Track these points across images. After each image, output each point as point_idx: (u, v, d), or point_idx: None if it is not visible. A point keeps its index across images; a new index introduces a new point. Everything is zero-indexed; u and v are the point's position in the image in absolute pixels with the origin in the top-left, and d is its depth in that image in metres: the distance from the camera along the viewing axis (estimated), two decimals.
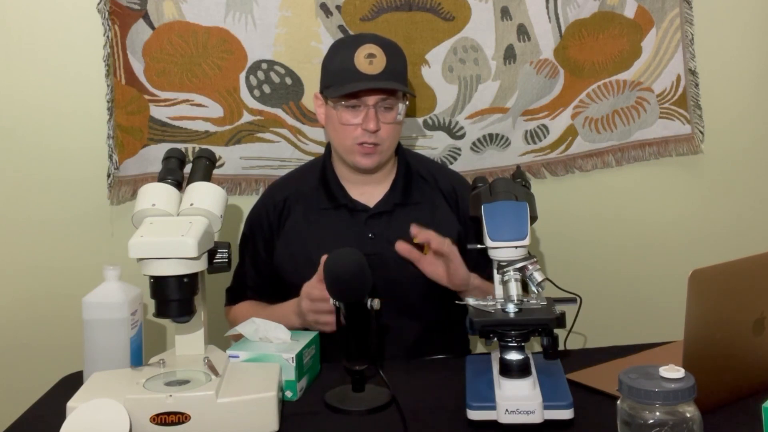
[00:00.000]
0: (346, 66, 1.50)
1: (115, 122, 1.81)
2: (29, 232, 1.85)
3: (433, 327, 1.58)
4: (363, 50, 1.49)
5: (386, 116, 1.52)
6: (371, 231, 1.56)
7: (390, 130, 1.53)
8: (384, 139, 1.53)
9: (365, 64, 1.49)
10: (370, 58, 1.49)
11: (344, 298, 1.22)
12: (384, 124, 1.52)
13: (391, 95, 1.52)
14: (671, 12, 1.96)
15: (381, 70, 1.49)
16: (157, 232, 1.18)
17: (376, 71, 1.49)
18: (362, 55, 1.49)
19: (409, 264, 1.48)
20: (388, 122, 1.52)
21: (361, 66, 1.49)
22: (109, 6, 1.77)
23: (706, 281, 1.06)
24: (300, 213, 1.60)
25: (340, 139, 1.56)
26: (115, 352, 1.30)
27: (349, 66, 1.49)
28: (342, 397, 1.23)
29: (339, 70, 1.52)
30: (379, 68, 1.49)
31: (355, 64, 1.49)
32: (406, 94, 1.55)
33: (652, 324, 1.93)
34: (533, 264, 1.17)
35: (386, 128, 1.52)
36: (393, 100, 1.52)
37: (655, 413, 0.88)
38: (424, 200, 1.61)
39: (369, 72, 1.49)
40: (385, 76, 1.49)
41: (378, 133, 1.51)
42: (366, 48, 1.50)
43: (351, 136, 1.53)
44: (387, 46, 1.53)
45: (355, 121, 1.52)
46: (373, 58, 1.49)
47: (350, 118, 1.52)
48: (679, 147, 2.01)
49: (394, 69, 1.51)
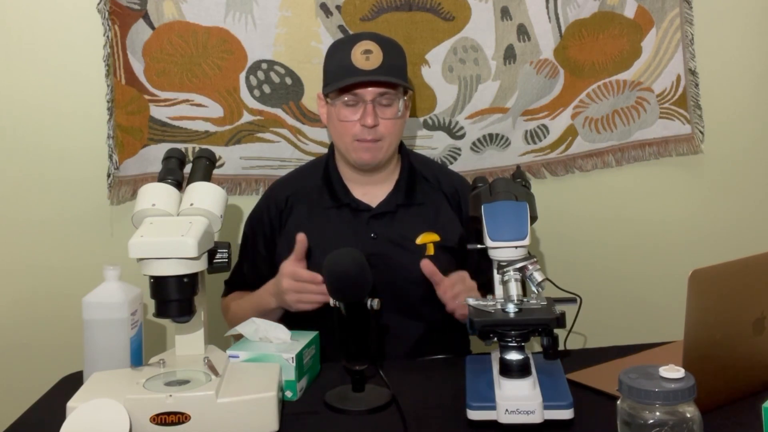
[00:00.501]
0: (344, 63, 1.50)
1: (115, 122, 1.81)
2: (29, 232, 1.85)
3: (434, 327, 1.58)
4: (360, 47, 1.50)
5: (385, 112, 1.52)
6: (373, 231, 1.56)
7: (389, 125, 1.53)
8: (384, 135, 1.53)
9: (362, 60, 1.49)
10: (366, 54, 1.49)
11: (344, 298, 1.22)
12: (383, 119, 1.52)
13: (390, 90, 1.52)
14: (671, 12, 1.96)
15: (378, 65, 1.49)
16: (157, 232, 1.18)
17: (373, 66, 1.49)
18: (359, 51, 1.50)
19: (409, 265, 1.48)
20: (387, 117, 1.52)
21: (358, 62, 1.49)
22: (109, 6, 1.77)
23: (706, 281, 1.06)
24: (302, 212, 1.60)
25: (340, 137, 1.56)
26: (115, 352, 1.30)
27: (346, 63, 1.50)
28: (342, 397, 1.23)
29: (337, 67, 1.53)
30: (375, 64, 1.49)
31: (352, 60, 1.50)
32: (407, 90, 1.55)
33: (652, 324, 1.93)
34: (533, 264, 1.17)
35: (385, 124, 1.52)
36: (391, 95, 1.52)
37: (655, 413, 0.88)
38: (427, 201, 1.61)
39: (365, 67, 1.49)
40: (381, 71, 1.49)
41: (377, 128, 1.51)
42: (363, 44, 1.50)
43: (350, 132, 1.53)
44: (384, 42, 1.53)
45: (353, 117, 1.52)
46: (369, 54, 1.49)
47: (348, 115, 1.52)
48: (679, 147, 2.01)
49: (391, 64, 1.51)
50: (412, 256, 1.52)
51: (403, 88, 1.55)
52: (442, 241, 1.55)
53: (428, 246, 1.54)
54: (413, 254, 1.53)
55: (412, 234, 1.55)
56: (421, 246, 1.54)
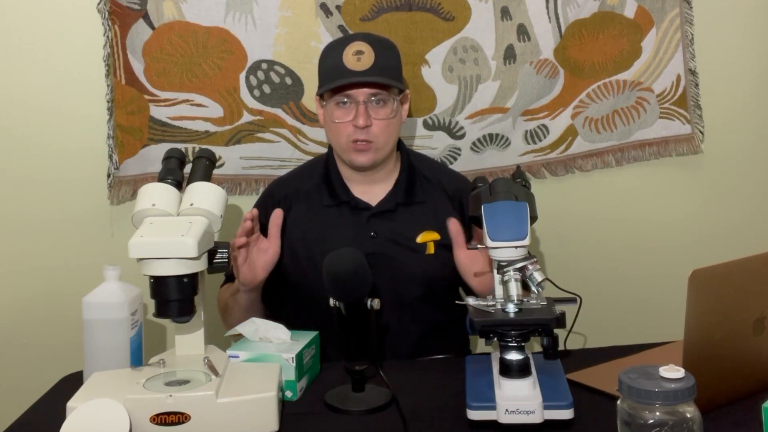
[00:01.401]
0: (336, 64, 1.50)
1: (115, 122, 1.81)
2: (29, 232, 1.85)
3: (433, 326, 1.58)
4: (351, 48, 1.50)
5: (378, 112, 1.52)
6: (373, 230, 1.56)
7: (383, 126, 1.52)
8: (377, 136, 1.52)
9: (353, 60, 1.49)
10: (358, 55, 1.49)
11: (344, 298, 1.22)
12: (376, 120, 1.51)
13: (382, 91, 1.51)
14: (671, 12, 1.96)
15: (369, 66, 1.49)
16: (157, 232, 1.18)
17: (365, 67, 1.49)
18: (350, 52, 1.50)
19: (409, 263, 1.48)
20: (380, 118, 1.52)
21: (349, 63, 1.49)
22: (109, 6, 1.77)
23: (706, 281, 1.06)
24: (302, 210, 1.60)
25: (335, 138, 1.56)
26: (115, 352, 1.30)
27: (338, 64, 1.50)
28: (342, 397, 1.23)
29: (329, 69, 1.53)
30: (367, 64, 1.49)
31: (344, 61, 1.49)
32: (402, 90, 1.55)
33: (652, 324, 1.93)
34: (533, 264, 1.17)
35: (379, 124, 1.52)
36: (384, 95, 1.52)
37: (655, 413, 0.88)
38: (428, 200, 1.60)
39: (357, 68, 1.49)
40: (373, 71, 1.49)
41: (370, 129, 1.50)
42: (354, 45, 1.50)
43: (344, 133, 1.52)
44: (376, 42, 1.52)
45: (346, 118, 1.51)
46: (361, 54, 1.49)
47: (342, 116, 1.52)
48: (679, 147, 2.01)
49: (383, 65, 1.51)
50: (412, 254, 1.53)
51: (398, 89, 1.55)
52: (442, 239, 1.55)
53: (428, 245, 1.54)
54: (413, 253, 1.53)
55: (412, 233, 1.55)
56: (421, 245, 1.54)
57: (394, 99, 1.54)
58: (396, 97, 1.54)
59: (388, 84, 1.51)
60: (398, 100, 1.55)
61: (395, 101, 1.54)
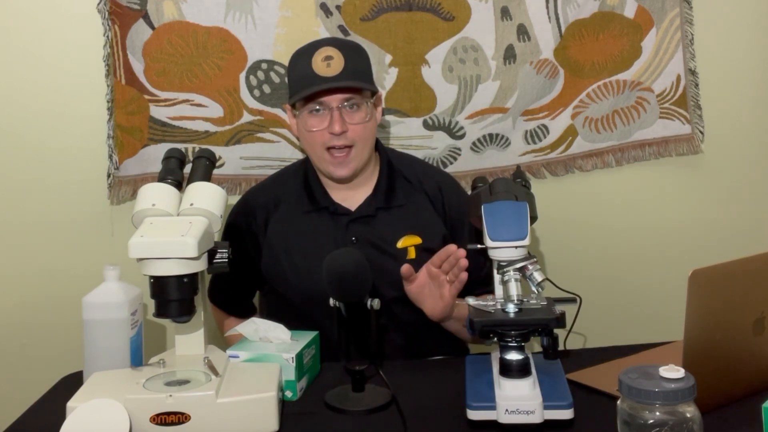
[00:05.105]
0: (305, 72, 1.48)
1: (115, 122, 1.81)
2: (29, 233, 1.85)
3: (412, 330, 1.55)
4: (320, 54, 1.48)
5: (353, 117, 1.49)
6: (353, 235, 1.53)
7: (359, 130, 1.50)
8: (354, 140, 1.50)
9: (323, 66, 1.47)
10: (327, 60, 1.47)
11: (344, 298, 1.22)
12: (352, 125, 1.49)
13: (355, 95, 1.49)
14: (671, 12, 1.96)
15: (339, 71, 1.47)
16: (157, 232, 1.18)
17: (335, 72, 1.47)
18: (319, 58, 1.47)
19: (390, 269, 1.46)
20: (356, 123, 1.49)
21: (319, 69, 1.47)
22: (109, 6, 1.77)
23: (706, 281, 1.06)
24: (282, 217, 1.58)
25: (311, 147, 1.53)
26: (115, 352, 1.30)
27: (308, 71, 1.47)
28: (342, 397, 1.23)
29: (299, 77, 1.50)
30: (337, 69, 1.47)
31: (313, 68, 1.47)
32: (374, 93, 1.53)
33: (652, 324, 1.93)
34: (533, 264, 1.17)
35: (355, 129, 1.49)
36: (358, 99, 1.50)
37: (655, 413, 0.88)
38: (408, 203, 1.58)
39: (327, 74, 1.46)
40: (344, 76, 1.47)
41: (346, 134, 1.48)
42: (323, 51, 1.48)
43: (319, 141, 1.50)
44: (345, 47, 1.51)
45: (321, 126, 1.49)
46: (330, 60, 1.47)
47: (316, 124, 1.49)
48: (679, 147, 2.01)
49: (354, 69, 1.49)
50: (393, 260, 1.50)
51: (370, 91, 1.53)
52: (423, 242, 1.53)
53: (409, 249, 1.53)
54: (394, 258, 1.51)
55: (392, 237, 1.53)
56: (401, 250, 1.53)
57: (368, 102, 1.51)
58: (369, 99, 1.52)
59: (361, 87, 1.49)
60: (372, 103, 1.53)
61: (369, 104, 1.51)
